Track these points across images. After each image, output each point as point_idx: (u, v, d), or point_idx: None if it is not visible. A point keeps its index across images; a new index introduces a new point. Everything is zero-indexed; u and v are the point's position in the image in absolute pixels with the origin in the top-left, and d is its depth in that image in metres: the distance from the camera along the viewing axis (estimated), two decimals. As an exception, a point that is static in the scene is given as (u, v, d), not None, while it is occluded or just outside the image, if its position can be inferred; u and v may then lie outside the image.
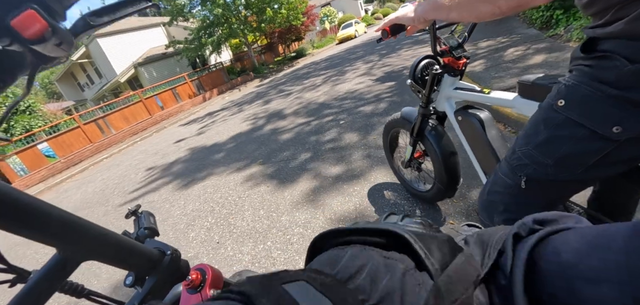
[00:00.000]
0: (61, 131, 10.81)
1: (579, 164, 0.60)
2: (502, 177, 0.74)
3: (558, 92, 0.61)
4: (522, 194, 0.70)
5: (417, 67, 1.41)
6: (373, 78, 5.92)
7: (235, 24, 16.08)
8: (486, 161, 1.19)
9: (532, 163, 0.66)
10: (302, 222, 2.20)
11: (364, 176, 2.49)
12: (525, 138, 0.69)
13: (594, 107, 0.55)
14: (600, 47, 0.53)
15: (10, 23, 0.24)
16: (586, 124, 0.56)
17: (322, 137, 3.74)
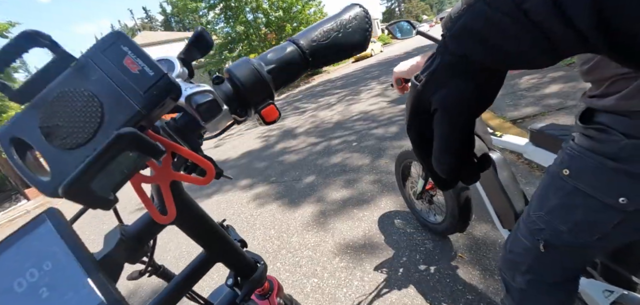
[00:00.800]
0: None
1: (594, 231, 0.59)
2: (521, 238, 0.73)
3: (562, 160, 0.61)
4: (542, 257, 0.69)
5: None
6: (387, 99, 5.96)
7: (256, 41, 16.61)
8: (498, 203, 1.20)
9: (548, 228, 0.65)
10: (312, 244, 2.22)
11: (374, 202, 2.51)
12: (539, 202, 0.68)
13: (599, 177, 0.54)
14: (597, 119, 0.53)
15: (261, 112, 0.36)
16: (593, 194, 0.56)
17: (333, 159, 3.78)
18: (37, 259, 0.27)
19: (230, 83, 0.35)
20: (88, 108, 0.25)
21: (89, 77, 0.26)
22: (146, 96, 0.25)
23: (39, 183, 0.24)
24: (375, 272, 1.77)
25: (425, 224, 1.92)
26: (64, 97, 0.25)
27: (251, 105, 0.36)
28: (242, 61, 0.36)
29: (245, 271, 0.52)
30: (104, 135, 0.24)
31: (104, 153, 0.22)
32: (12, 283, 0.26)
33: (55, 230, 0.28)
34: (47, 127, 0.25)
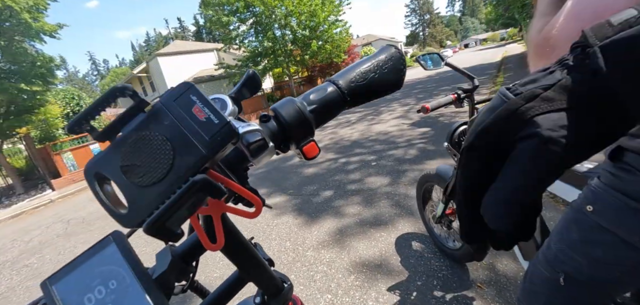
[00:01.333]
0: (113, 135, 11.81)
1: (614, 269, 0.59)
2: (541, 269, 0.73)
3: (586, 196, 0.62)
4: (562, 290, 0.68)
5: (454, 131, 1.48)
6: (408, 122, 5.96)
7: (281, 56, 17.08)
8: None
9: (568, 261, 0.65)
10: (327, 260, 2.23)
11: (391, 223, 2.50)
12: (559, 235, 0.68)
13: (621, 216, 0.55)
14: (625, 159, 0.54)
15: (302, 149, 0.38)
16: (616, 232, 0.56)
17: (352, 176, 3.80)
18: (103, 277, 0.31)
19: (276, 121, 0.38)
20: (161, 150, 0.28)
21: (162, 122, 0.29)
22: (211, 141, 0.28)
23: (117, 215, 0.28)
24: (390, 293, 1.76)
25: (443, 249, 1.90)
26: (142, 140, 0.29)
27: (293, 142, 0.38)
28: (287, 101, 0.38)
29: (273, 290, 0.53)
30: (175, 175, 0.27)
31: (180, 197, 0.25)
32: (83, 298, 0.30)
33: (119, 251, 0.32)
34: (127, 166, 0.28)
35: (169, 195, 0.26)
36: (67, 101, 13.83)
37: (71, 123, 0.29)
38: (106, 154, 0.29)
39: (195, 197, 0.26)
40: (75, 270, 0.32)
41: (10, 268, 3.82)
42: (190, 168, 0.28)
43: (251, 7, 15.98)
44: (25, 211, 7.48)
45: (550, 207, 2.14)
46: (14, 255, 4.31)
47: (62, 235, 4.62)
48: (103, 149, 0.31)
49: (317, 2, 16.18)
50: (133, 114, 0.30)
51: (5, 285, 3.34)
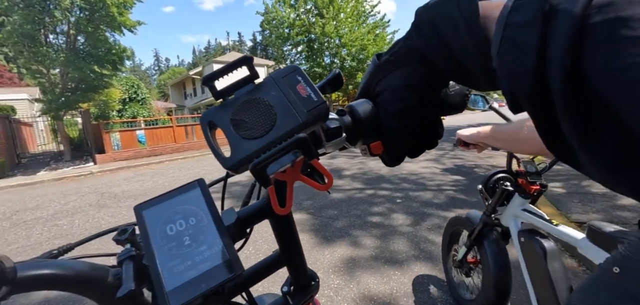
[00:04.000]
0: (157, 126, 12.69)
1: None
2: None
3: (614, 259, 0.58)
4: None
5: (491, 177, 1.46)
6: (441, 166, 5.73)
7: (328, 82, 17.58)
8: (543, 293, 1.10)
9: None
10: (335, 286, 2.14)
11: (407, 264, 2.35)
12: (584, 295, 0.63)
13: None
14: None
15: (369, 145, 0.41)
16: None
17: (374, 209, 3.68)
18: (186, 213, 0.36)
19: (351, 116, 0.41)
20: (266, 113, 0.33)
21: (270, 91, 0.35)
22: (309, 114, 0.32)
23: (221, 157, 0.32)
24: (394, 336, 1.62)
25: (458, 299, 1.76)
26: (252, 102, 0.34)
27: (362, 137, 0.41)
28: (363, 101, 0.41)
29: (303, 282, 0.55)
30: (274, 135, 0.32)
31: (285, 148, 0.29)
32: (166, 226, 0.35)
33: (202, 195, 0.38)
34: (236, 120, 0.33)
35: (266, 150, 0.30)
36: (127, 88, 15.18)
37: (206, 76, 0.35)
38: (219, 109, 0.34)
39: (293, 152, 0.30)
40: (164, 203, 0.37)
41: (43, 224, 4.11)
42: (288, 131, 0.31)
43: (308, 33, 16.77)
44: (67, 177, 8.13)
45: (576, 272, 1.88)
46: (49, 213, 4.66)
47: (94, 206, 4.93)
48: (215, 105, 0.36)
49: (370, 38, 16.60)
50: (245, 82, 0.35)
51: (35, 239, 3.59)
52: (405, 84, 0.36)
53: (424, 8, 0.31)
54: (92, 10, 9.84)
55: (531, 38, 0.21)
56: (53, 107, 10.02)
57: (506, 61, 0.23)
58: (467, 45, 0.28)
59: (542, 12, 0.20)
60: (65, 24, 10.00)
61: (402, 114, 0.37)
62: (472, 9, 0.27)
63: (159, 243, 0.34)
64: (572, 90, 0.19)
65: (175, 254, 0.33)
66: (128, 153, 11.09)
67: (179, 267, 0.32)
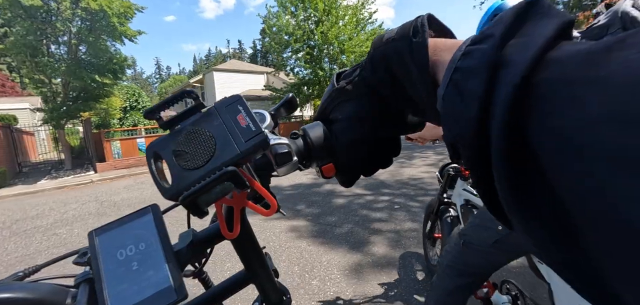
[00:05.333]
0: (158, 134, 12.72)
1: (485, 241, 1.15)
2: (454, 238, 1.29)
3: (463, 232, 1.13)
4: (461, 251, 1.23)
5: (445, 166, 1.93)
6: (442, 173, 5.70)
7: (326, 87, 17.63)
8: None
9: (469, 234, 1.21)
10: (332, 293, 2.12)
11: (407, 270, 2.33)
12: (470, 220, 1.23)
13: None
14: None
15: (321, 168, 0.42)
16: (491, 220, 1.12)
17: (375, 215, 3.66)
18: (136, 239, 0.37)
19: (303, 140, 0.42)
20: (207, 144, 0.34)
21: (212, 122, 0.35)
22: (247, 144, 0.33)
23: (162, 187, 0.33)
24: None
25: (428, 265, 2.21)
26: (194, 133, 0.35)
27: (314, 161, 0.43)
28: (316, 124, 0.43)
29: (273, 299, 0.55)
30: (212, 165, 0.32)
31: (213, 181, 0.30)
32: (116, 252, 0.36)
33: (153, 221, 0.39)
34: (178, 151, 0.34)
35: (205, 179, 0.31)
36: (128, 96, 15.31)
37: (148, 110, 0.36)
38: (165, 139, 0.35)
39: (224, 183, 0.31)
40: (116, 229, 0.38)
41: (43, 233, 4.11)
42: (226, 162, 0.32)
43: (308, 40, 16.86)
44: (68, 185, 8.12)
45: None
46: (49, 222, 4.65)
47: (94, 214, 4.92)
48: (163, 136, 0.37)
49: (368, 45, 16.66)
50: (192, 112, 0.36)
51: (34, 248, 3.59)
52: (357, 116, 0.37)
53: (379, 42, 0.32)
54: (93, 21, 9.94)
55: (476, 86, 0.20)
56: (54, 116, 10.07)
57: (449, 106, 0.22)
58: (418, 86, 0.28)
59: (491, 61, 0.19)
60: (66, 34, 10.10)
61: (354, 144, 0.38)
62: (422, 54, 0.27)
63: (108, 267, 0.35)
64: (510, 149, 0.17)
65: (124, 279, 0.35)
66: (129, 161, 11.10)
67: (126, 292, 0.34)
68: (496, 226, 1.09)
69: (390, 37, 0.31)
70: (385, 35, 0.32)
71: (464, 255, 1.22)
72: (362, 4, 17.18)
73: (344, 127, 0.38)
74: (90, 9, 9.29)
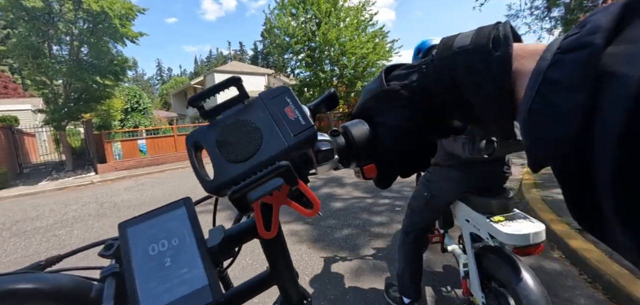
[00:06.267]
0: (158, 135, 12.74)
1: (421, 199, 1.73)
2: (420, 190, 1.75)
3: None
4: (425, 203, 1.70)
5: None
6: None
7: (326, 90, 17.60)
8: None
9: (429, 192, 1.67)
10: (332, 298, 2.10)
11: (407, 275, 2.31)
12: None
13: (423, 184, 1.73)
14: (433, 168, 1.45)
15: (362, 168, 0.40)
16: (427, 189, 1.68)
17: (375, 218, 3.65)
18: (169, 233, 0.35)
19: (345, 137, 0.39)
20: (252, 136, 0.32)
21: (258, 113, 0.34)
22: (295, 138, 0.32)
23: (203, 180, 0.31)
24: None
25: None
26: (239, 123, 0.33)
27: (356, 159, 0.40)
28: (358, 122, 0.40)
29: (294, 302, 0.53)
30: (258, 158, 0.31)
31: (265, 175, 0.29)
32: (148, 246, 0.34)
33: (187, 215, 0.37)
34: (221, 142, 0.33)
35: (249, 174, 0.29)
36: (129, 98, 15.31)
37: (191, 97, 0.35)
38: (206, 129, 0.34)
39: (276, 179, 0.29)
40: (148, 221, 0.36)
41: (42, 235, 4.10)
42: (273, 156, 0.31)
43: (309, 41, 16.88)
44: (68, 186, 8.14)
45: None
46: (48, 223, 4.65)
47: (94, 215, 4.92)
48: (203, 126, 0.36)
49: (369, 47, 16.69)
50: (234, 102, 0.35)
51: (33, 249, 3.58)
52: (408, 124, 0.35)
53: (447, 51, 0.29)
54: (95, 22, 9.98)
55: (576, 100, 0.18)
56: (55, 117, 10.09)
57: (538, 120, 0.20)
58: (488, 99, 0.26)
59: (594, 72, 0.18)
60: (68, 35, 10.14)
61: (400, 150, 0.37)
62: (503, 69, 0.24)
63: (139, 263, 0.33)
64: (623, 163, 0.17)
65: (155, 275, 0.33)
66: (129, 162, 11.12)
67: (157, 289, 0.32)
68: (424, 193, 1.67)
69: (462, 47, 0.28)
70: (456, 43, 0.28)
71: (410, 217, 1.79)
72: (363, 5, 17.20)
73: (393, 135, 0.36)
74: (92, 10, 9.34)
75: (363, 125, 0.39)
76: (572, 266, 2.25)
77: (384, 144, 0.37)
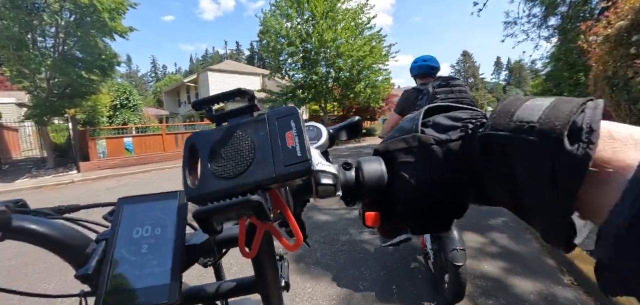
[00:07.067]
0: (146, 133, 12.35)
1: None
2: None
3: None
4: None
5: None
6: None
7: (322, 92, 17.37)
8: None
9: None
10: (312, 332, 1.82)
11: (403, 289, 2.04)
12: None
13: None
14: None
15: (364, 214, 0.34)
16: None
17: (365, 237, 3.36)
18: (155, 222, 0.37)
19: (356, 173, 0.35)
20: (245, 153, 0.30)
21: (259, 131, 0.31)
22: (285, 169, 0.29)
23: (185, 185, 0.30)
24: None
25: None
26: (235, 136, 0.31)
27: (361, 201, 0.36)
28: (374, 160, 0.35)
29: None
30: (243, 181, 0.29)
31: (231, 206, 0.27)
32: (133, 228, 0.36)
33: (176, 208, 0.38)
34: (213, 152, 0.31)
35: (230, 196, 0.28)
36: (119, 94, 14.89)
37: (196, 101, 0.34)
38: (208, 133, 0.33)
39: (244, 211, 0.28)
40: (142, 204, 0.39)
41: (5, 241, 3.75)
42: (258, 182, 0.29)
43: (304, 43, 16.65)
44: (47, 185, 7.77)
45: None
46: (14, 228, 4.30)
47: (66, 220, 4.58)
48: (207, 129, 0.34)
49: (366, 50, 16.55)
50: (243, 112, 0.34)
51: (-10, 259, 3.24)
52: (434, 185, 0.29)
53: (505, 122, 0.23)
54: (83, 14, 9.61)
55: None
56: (37, 112, 9.67)
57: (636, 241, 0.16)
58: (546, 197, 0.20)
59: None
60: (53, 27, 9.75)
61: (417, 209, 0.31)
62: (577, 172, 0.18)
63: (121, 241, 0.35)
64: None
65: (129, 258, 0.34)
66: (114, 161, 10.71)
67: (128, 272, 0.34)
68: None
69: (526, 122, 0.21)
70: (519, 113, 0.23)
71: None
72: (361, 8, 17.05)
73: (415, 191, 0.30)
74: (79, 2, 8.98)
75: (379, 164, 0.35)
76: (586, 295, 2.01)
77: (401, 197, 0.31)
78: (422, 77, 2.30)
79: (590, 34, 6.75)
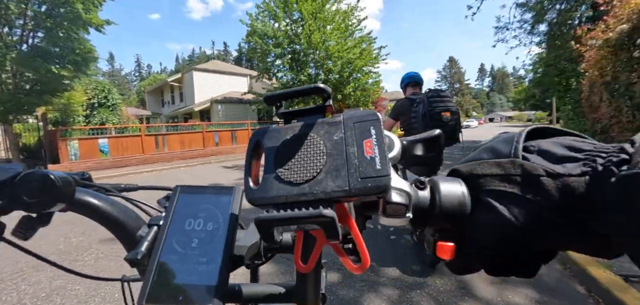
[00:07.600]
0: (124, 134, 11.60)
1: None
2: None
3: None
4: None
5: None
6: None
7: (311, 95, 16.99)
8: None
9: None
10: None
11: None
12: None
13: None
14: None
15: (437, 243, 0.29)
16: None
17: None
18: (208, 216, 0.35)
19: (431, 193, 0.30)
20: (315, 158, 0.27)
21: (332, 135, 0.29)
22: (361, 183, 0.26)
23: (246, 184, 0.29)
24: None
25: None
26: (305, 138, 0.29)
27: (433, 227, 0.31)
28: (454, 181, 0.29)
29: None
30: (311, 189, 0.26)
31: (301, 218, 0.24)
32: (186, 219, 0.35)
33: (230, 205, 0.36)
34: (280, 152, 0.29)
35: (294, 204, 0.25)
36: (97, 92, 14.06)
37: (269, 95, 0.32)
38: (275, 131, 0.31)
39: (312, 225, 0.25)
40: (197, 195, 0.37)
41: None
42: (327, 193, 0.26)
43: (293, 43, 16.24)
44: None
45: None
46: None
47: (17, 231, 3.97)
48: (274, 126, 0.32)
49: (356, 52, 16.28)
50: (315, 112, 0.31)
51: None
52: (535, 226, 0.24)
53: None
54: (54, 5, 8.90)
55: None
56: (1, 110, 8.85)
57: None
58: None
59: None
60: (21, 18, 8.99)
61: (505, 250, 0.26)
62: None
63: (173, 232, 0.34)
64: None
65: (178, 250, 0.33)
66: (87, 164, 9.93)
67: (175, 265, 0.32)
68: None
69: None
70: None
71: None
72: (351, 10, 16.80)
73: (519, 233, 0.24)
74: (50, -9, 8.31)
75: (460, 186, 0.29)
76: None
77: (489, 233, 0.26)
78: (413, 86, 2.85)
79: (588, 38, 6.62)
